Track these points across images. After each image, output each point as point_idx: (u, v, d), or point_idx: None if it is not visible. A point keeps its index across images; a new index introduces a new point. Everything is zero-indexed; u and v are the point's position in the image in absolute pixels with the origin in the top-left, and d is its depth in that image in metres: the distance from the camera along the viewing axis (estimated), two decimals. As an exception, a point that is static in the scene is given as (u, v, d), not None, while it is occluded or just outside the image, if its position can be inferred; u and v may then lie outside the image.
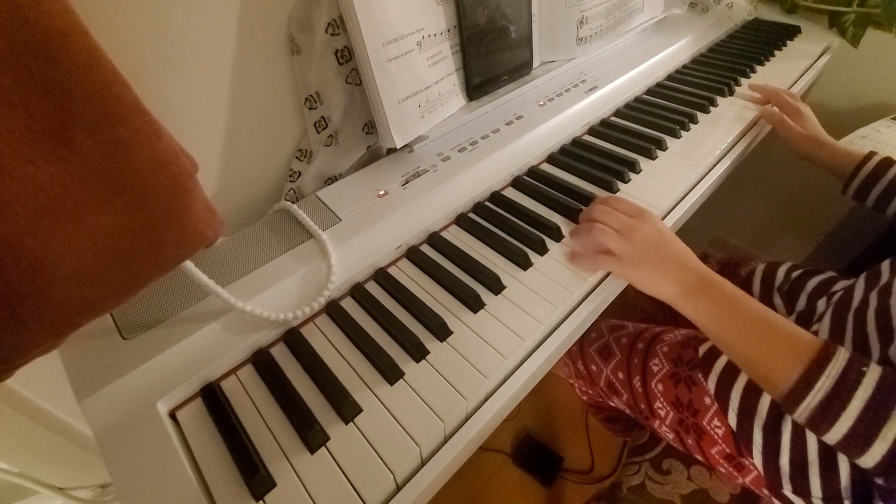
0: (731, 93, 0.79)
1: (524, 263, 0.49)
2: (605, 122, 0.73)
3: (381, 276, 0.49)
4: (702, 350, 0.57)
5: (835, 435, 0.35)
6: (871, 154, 0.62)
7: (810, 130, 0.67)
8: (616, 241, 0.46)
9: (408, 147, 0.60)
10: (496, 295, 0.47)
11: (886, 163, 0.60)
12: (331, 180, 0.57)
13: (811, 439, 0.45)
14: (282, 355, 0.42)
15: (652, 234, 0.46)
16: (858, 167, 0.62)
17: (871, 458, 0.34)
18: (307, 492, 0.34)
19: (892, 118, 0.90)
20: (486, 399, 0.40)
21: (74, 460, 0.61)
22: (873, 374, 0.35)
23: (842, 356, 0.36)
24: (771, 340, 0.40)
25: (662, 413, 0.59)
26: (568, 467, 1.07)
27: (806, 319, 0.52)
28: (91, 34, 0.26)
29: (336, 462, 0.35)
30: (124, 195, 0.28)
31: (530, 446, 1.09)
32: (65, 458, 0.60)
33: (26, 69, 0.23)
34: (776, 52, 0.92)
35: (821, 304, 0.53)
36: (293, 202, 0.52)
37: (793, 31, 0.99)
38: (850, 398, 0.34)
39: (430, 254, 0.52)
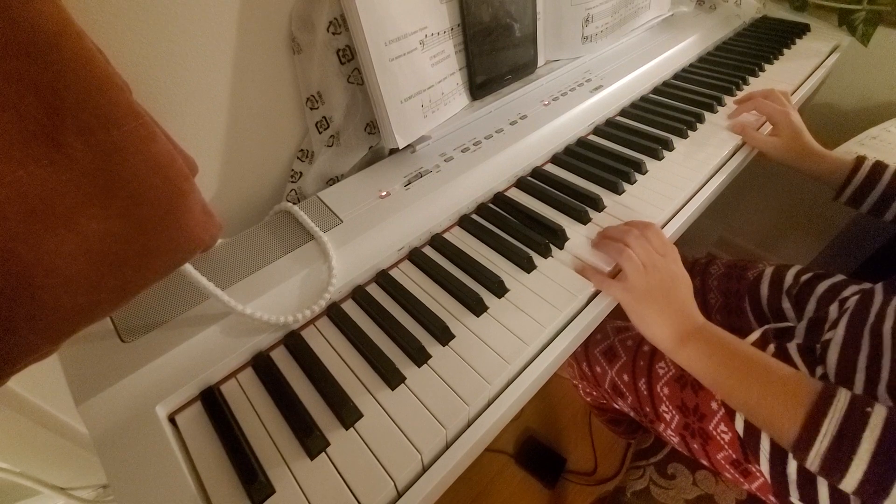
0: (740, 92, 0.78)
1: (528, 266, 0.49)
2: (610, 122, 0.72)
3: (383, 279, 0.48)
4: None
5: (851, 482, 0.34)
6: (862, 159, 0.61)
7: (794, 140, 0.65)
8: (637, 273, 0.46)
9: (410, 147, 0.59)
10: (499, 298, 0.46)
11: (879, 168, 0.60)
12: (332, 181, 0.57)
13: None
14: (282, 359, 0.42)
15: (668, 276, 0.46)
16: (851, 174, 0.61)
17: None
18: (306, 498, 0.33)
19: (903, 118, 0.88)
20: (489, 404, 0.39)
21: (76, 460, 0.61)
22: (879, 414, 0.34)
23: (843, 397, 0.35)
24: (768, 384, 0.39)
25: (668, 417, 0.58)
26: (571, 469, 1.06)
27: (818, 325, 0.51)
28: (85, 35, 0.26)
29: (336, 468, 0.35)
30: (118, 199, 0.27)
31: (533, 447, 1.09)
32: (66, 458, 0.60)
33: (16, 71, 0.23)
34: (785, 51, 0.91)
35: (832, 309, 0.52)
36: (294, 203, 0.52)
37: (802, 30, 0.98)
38: (858, 441, 0.33)
39: (433, 256, 0.51)
